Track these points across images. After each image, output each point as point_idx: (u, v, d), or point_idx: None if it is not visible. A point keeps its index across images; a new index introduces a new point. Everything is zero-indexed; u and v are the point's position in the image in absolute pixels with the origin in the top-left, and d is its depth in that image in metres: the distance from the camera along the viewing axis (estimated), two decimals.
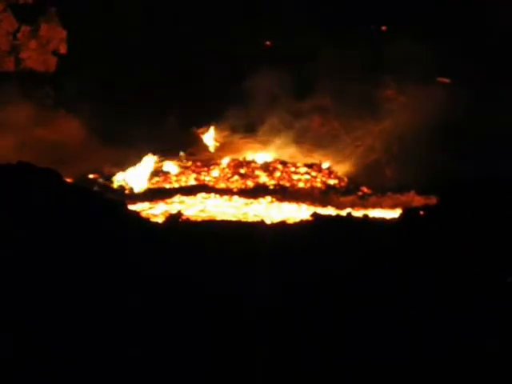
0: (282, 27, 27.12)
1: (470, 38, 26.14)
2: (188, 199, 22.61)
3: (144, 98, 26.15)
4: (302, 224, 19.09)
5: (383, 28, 28.07)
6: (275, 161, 25.68)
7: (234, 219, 21.02)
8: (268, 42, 27.96)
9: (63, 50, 27.26)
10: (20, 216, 14.51)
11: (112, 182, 24.92)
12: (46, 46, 27.14)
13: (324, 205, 22.78)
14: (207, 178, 24.96)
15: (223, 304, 13.68)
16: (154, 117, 26.21)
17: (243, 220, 20.86)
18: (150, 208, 22.01)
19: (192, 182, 24.88)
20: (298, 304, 13.86)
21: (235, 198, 23.04)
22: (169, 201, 22.54)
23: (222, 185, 24.69)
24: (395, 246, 15.90)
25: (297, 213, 22.02)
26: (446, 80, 27.16)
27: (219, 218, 21.24)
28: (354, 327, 13.29)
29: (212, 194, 23.11)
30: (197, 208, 22.06)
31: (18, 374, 11.64)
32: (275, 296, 13.82)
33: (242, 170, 25.17)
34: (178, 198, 22.69)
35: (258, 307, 13.43)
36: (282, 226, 19.22)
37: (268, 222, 19.77)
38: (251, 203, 22.70)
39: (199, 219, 20.65)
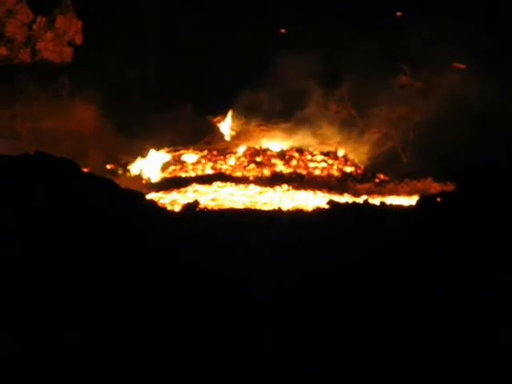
0: (296, 15, 27.04)
1: (486, 23, 25.98)
2: (204, 188, 22.64)
3: (159, 86, 26.20)
4: (318, 212, 19.07)
5: (398, 14, 27.96)
6: (291, 149, 25.67)
7: (250, 207, 21.04)
8: (283, 30, 27.91)
9: (79, 41, 27.34)
10: (39, 206, 14.56)
11: (129, 172, 25.01)
12: (61, 37, 27.22)
13: (341, 192, 22.75)
14: (224, 167, 24.98)
15: (238, 292, 13.71)
16: (169, 105, 26.24)
17: (259, 208, 20.88)
18: (167, 197, 22.05)
19: (208, 170, 24.92)
20: (314, 293, 13.86)
21: (251, 186, 23.04)
22: (185, 190, 22.57)
23: (238, 173, 24.71)
24: (412, 234, 15.85)
25: (313, 200, 22.01)
26: (462, 66, 27.04)
27: (235, 206, 21.26)
28: (369, 317, 13.28)
29: (228, 183, 23.11)
30: (212, 197, 22.09)
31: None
32: (290, 284, 13.83)
33: (258, 159, 25.17)
34: (193, 186, 22.71)
35: (272, 295, 13.45)
36: (298, 213, 19.22)
37: (284, 209, 19.77)
38: (267, 191, 22.70)
39: (216, 208, 20.68)
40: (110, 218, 14.97)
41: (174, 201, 21.35)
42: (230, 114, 27.25)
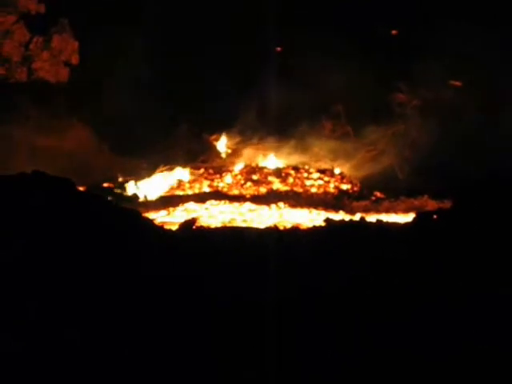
0: (291, 31, 27.05)
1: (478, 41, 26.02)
2: (200, 206, 22.66)
3: (155, 105, 26.23)
4: (314, 230, 19.08)
5: (394, 32, 28.06)
6: (287, 167, 25.71)
7: (246, 225, 21.05)
8: (278, 48, 27.96)
9: (75, 60, 27.41)
10: (35, 225, 14.57)
11: (126, 191, 25.00)
12: (57, 57, 27.30)
13: (337, 210, 22.76)
14: (220, 185, 25.00)
15: (237, 311, 13.71)
16: (166, 124, 26.27)
17: (256, 226, 20.88)
18: (165, 215, 22.06)
19: (205, 189, 24.94)
20: (311, 311, 13.87)
21: (248, 204, 23.06)
22: (182, 208, 22.59)
23: (235, 191, 24.73)
24: (409, 251, 15.86)
25: (310, 218, 22.03)
26: (458, 83, 27.12)
27: (232, 224, 21.28)
28: (367, 334, 13.29)
29: (223, 201, 23.13)
30: (210, 215, 22.11)
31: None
32: (287, 302, 13.83)
33: (255, 177, 25.20)
34: (190, 204, 22.73)
35: (270, 313, 13.45)
36: (294, 231, 19.22)
37: (281, 228, 19.78)
38: (264, 209, 22.71)
39: (213, 226, 20.69)
40: (107, 237, 14.96)
41: (179, 219, 21.32)
42: (225, 132, 27.30)
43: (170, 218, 21.61)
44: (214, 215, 22.00)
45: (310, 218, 21.97)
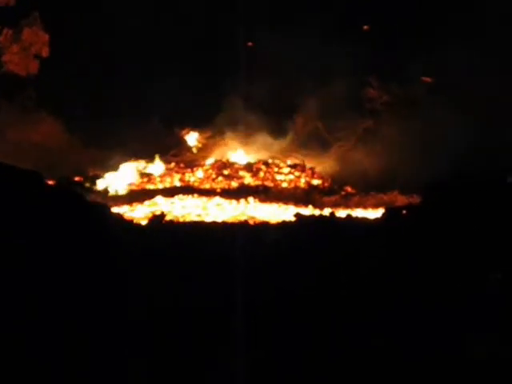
0: (263, 26, 27.03)
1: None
2: (170, 200, 22.65)
3: (127, 99, 26.14)
4: (284, 224, 19.15)
5: (365, 27, 28.11)
6: (259, 161, 25.74)
7: (217, 220, 21.07)
8: (250, 43, 27.91)
9: (45, 53, 27.22)
10: (1, 218, 14.46)
11: (96, 184, 24.91)
12: (27, 50, 27.11)
13: (307, 205, 22.83)
14: (192, 179, 24.99)
15: (206, 306, 13.74)
16: (137, 118, 26.18)
17: (226, 221, 20.90)
18: (133, 210, 22.01)
19: (176, 183, 24.91)
20: (282, 306, 13.91)
21: (217, 198, 23.06)
22: (152, 202, 22.55)
23: (206, 186, 24.73)
24: (378, 246, 15.95)
25: (280, 213, 22.07)
26: (429, 79, 27.25)
27: (203, 219, 21.29)
28: (339, 328, 13.35)
29: (191, 196, 23.11)
30: (180, 209, 22.09)
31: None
32: (258, 297, 13.86)
33: (226, 171, 25.21)
34: (159, 199, 22.71)
35: (240, 309, 13.48)
36: (264, 226, 19.27)
37: (251, 222, 19.82)
38: (234, 204, 22.73)
39: (182, 220, 20.69)
40: (75, 231, 14.90)
41: (148, 213, 21.31)
42: (196, 126, 27.26)
43: (139, 213, 21.57)
44: (181, 210, 21.99)
45: (280, 213, 22.02)
